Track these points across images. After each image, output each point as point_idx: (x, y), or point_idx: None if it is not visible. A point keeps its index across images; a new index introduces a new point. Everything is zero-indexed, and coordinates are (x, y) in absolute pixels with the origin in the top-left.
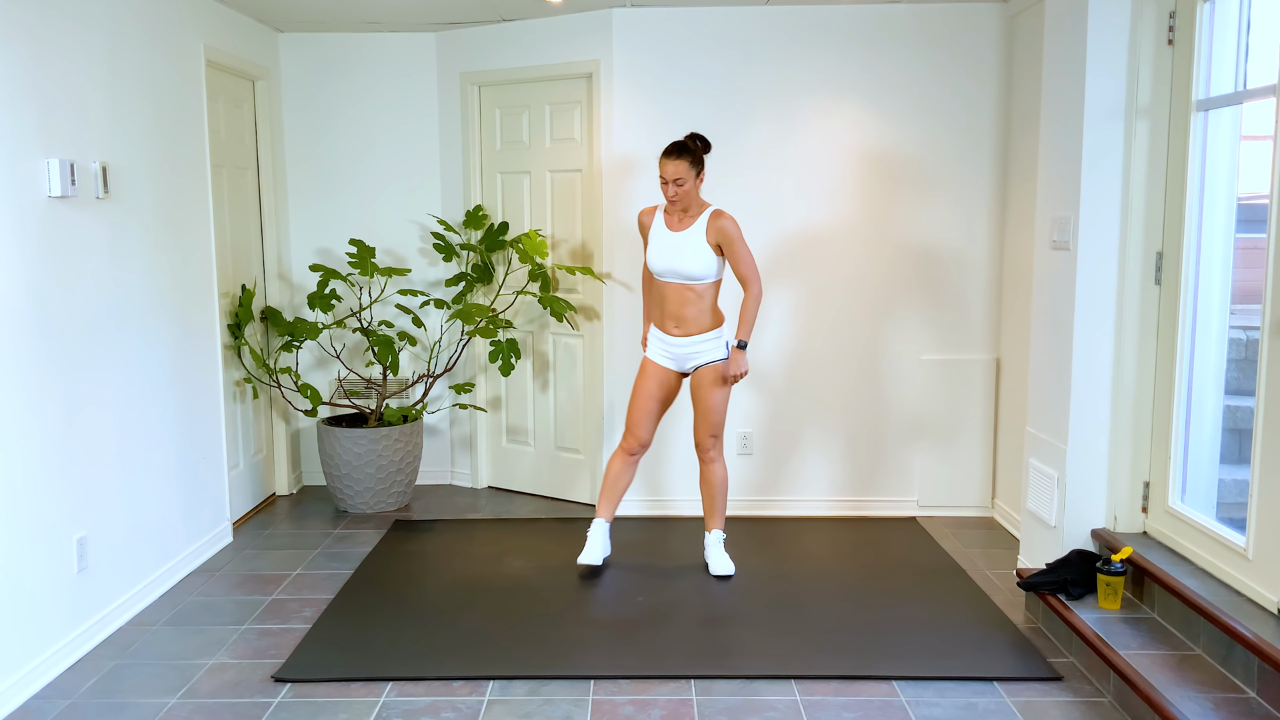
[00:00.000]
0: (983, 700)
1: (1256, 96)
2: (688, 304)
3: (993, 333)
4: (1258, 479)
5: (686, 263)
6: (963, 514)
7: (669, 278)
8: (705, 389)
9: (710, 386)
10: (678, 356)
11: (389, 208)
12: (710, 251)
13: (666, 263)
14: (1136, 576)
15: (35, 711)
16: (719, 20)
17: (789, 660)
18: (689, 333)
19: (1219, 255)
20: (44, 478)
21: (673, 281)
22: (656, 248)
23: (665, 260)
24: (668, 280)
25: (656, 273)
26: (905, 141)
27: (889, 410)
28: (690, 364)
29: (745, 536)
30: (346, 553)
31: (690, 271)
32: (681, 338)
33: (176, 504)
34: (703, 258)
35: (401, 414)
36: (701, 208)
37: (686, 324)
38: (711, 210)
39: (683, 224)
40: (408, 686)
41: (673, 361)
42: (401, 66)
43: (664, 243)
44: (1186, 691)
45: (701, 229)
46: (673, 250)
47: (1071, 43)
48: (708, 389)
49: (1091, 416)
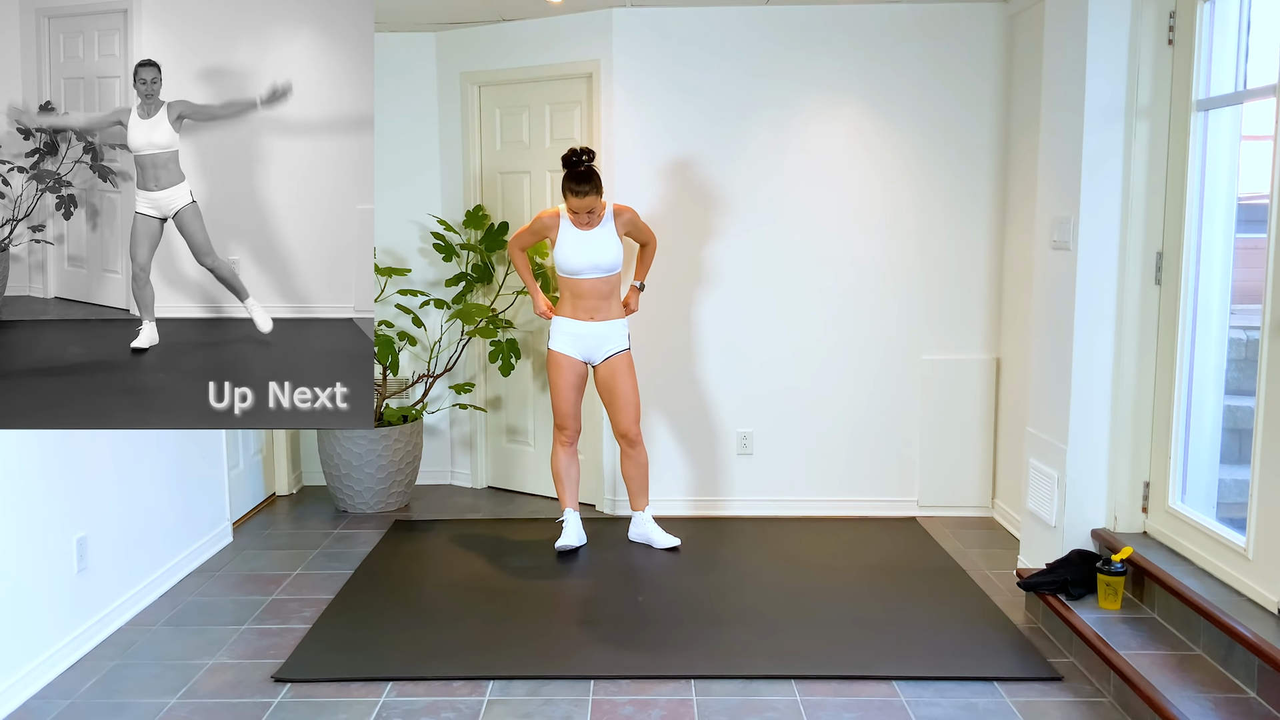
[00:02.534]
0: (983, 700)
1: (1256, 96)
2: (602, 294)
3: (993, 333)
4: (1258, 479)
5: (603, 256)
6: (963, 514)
7: (588, 273)
8: (620, 378)
9: (625, 375)
10: (588, 346)
11: (389, 207)
12: (619, 244)
13: (586, 259)
14: (1137, 576)
15: (35, 711)
16: (719, 20)
17: (789, 660)
18: (602, 319)
19: (1219, 255)
20: (44, 478)
21: (589, 277)
22: (572, 248)
23: (585, 258)
24: (584, 277)
25: (574, 271)
26: (905, 141)
27: (889, 410)
28: (601, 351)
29: (745, 536)
30: (346, 553)
31: (607, 263)
32: (596, 323)
33: (176, 504)
34: (616, 250)
35: (401, 414)
36: (602, 208)
37: (600, 311)
38: (612, 206)
39: (590, 223)
40: (408, 686)
41: (581, 352)
42: (401, 66)
43: (578, 243)
44: (1187, 691)
45: (610, 225)
46: (589, 248)
47: (1071, 43)
48: (622, 378)
49: (1092, 416)
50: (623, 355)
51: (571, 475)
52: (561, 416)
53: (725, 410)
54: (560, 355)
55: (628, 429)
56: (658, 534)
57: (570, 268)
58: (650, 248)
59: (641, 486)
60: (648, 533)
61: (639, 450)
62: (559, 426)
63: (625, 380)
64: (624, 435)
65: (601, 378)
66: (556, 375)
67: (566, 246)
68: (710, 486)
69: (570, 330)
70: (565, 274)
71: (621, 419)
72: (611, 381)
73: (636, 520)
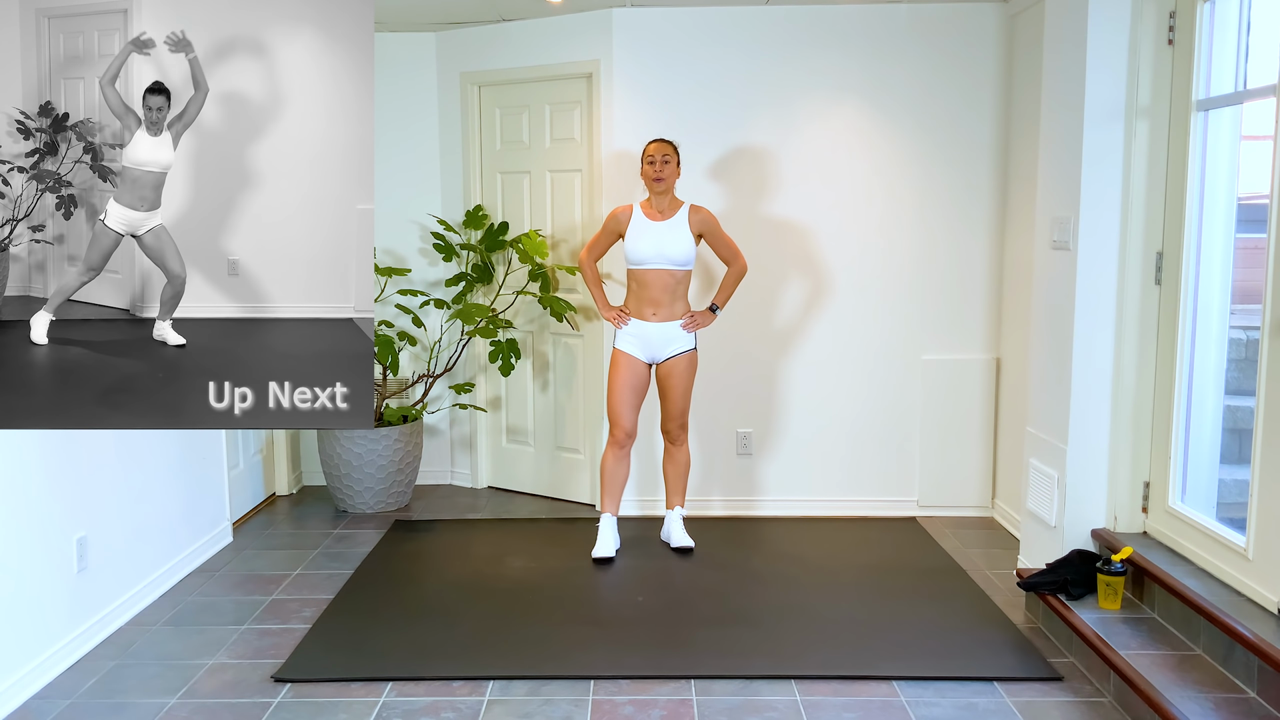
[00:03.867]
0: (983, 700)
1: (1256, 96)
2: (668, 289)
3: (993, 333)
4: (1258, 479)
5: (673, 248)
6: (963, 514)
7: (654, 263)
8: (678, 378)
9: (683, 376)
10: (651, 344)
11: (389, 207)
12: (692, 240)
13: (654, 248)
14: (1136, 576)
15: (35, 711)
16: (719, 20)
17: (789, 660)
18: (667, 318)
19: (1219, 255)
20: (44, 478)
21: (656, 268)
22: (642, 237)
23: (653, 246)
24: (651, 267)
25: (641, 260)
26: (905, 141)
27: (889, 410)
28: (664, 352)
29: (746, 536)
30: (346, 553)
31: (676, 256)
32: (660, 323)
33: (176, 504)
34: (687, 244)
35: (401, 414)
36: (678, 203)
37: (665, 309)
38: (689, 205)
39: (665, 215)
40: (408, 686)
41: (644, 352)
42: (401, 66)
43: (649, 232)
44: (1187, 691)
45: (684, 219)
46: (658, 237)
47: (1071, 43)
48: (680, 378)
49: (1091, 416)
50: (687, 355)
51: (617, 478)
52: (615, 415)
53: (725, 410)
54: (622, 354)
55: (668, 425)
56: (678, 531)
57: (638, 257)
58: (735, 270)
59: (677, 486)
60: (670, 529)
61: (681, 449)
62: (612, 425)
63: (681, 379)
64: (665, 431)
65: (661, 373)
66: (614, 373)
67: (636, 235)
68: (710, 486)
69: (634, 330)
70: (633, 264)
71: (666, 418)
72: (668, 378)
73: (669, 518)
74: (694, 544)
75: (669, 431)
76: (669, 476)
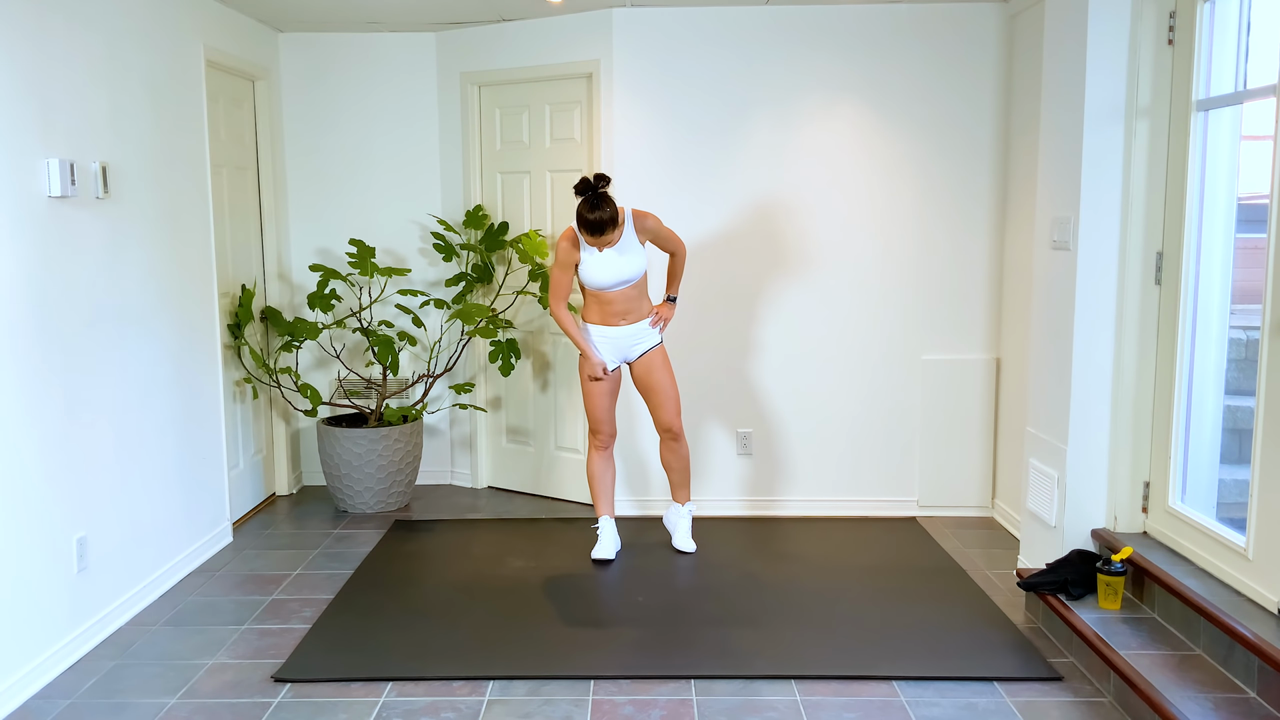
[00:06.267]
0: (983, 700)
1: (1256, 96)
2: (633, 300)
3: (993, 333)
4: (1258, 479)
5: (630, 269)
6: (963, 514)
7: (618, 287)
8: (657, 373)
9: (663, 370)
10: (622, 346)
11: (389, 208)
12: (643, 251)
13: (615, 276)
14: (1136, 576)
15: (35, 711)
16: (719, 20)
17: (789, 660)
18: (635, 319)
19: (1219, 255)
20: (43, 478)
21: (618, 290)
22: (599, 267)
23: (613, 275)
24: (613, 291)
25: (604, 286)
26: (905, 141)
27: (889, 410)
28: (635, 351)
29: (745, 536)
30: (346, 553)
31: (634, 274)
32: (628, 326)
33: (176, 504)
34: (641, 259)
35: (401, 414)
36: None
37: (632, 313)
38: (630, 212)
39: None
40: (408, 686)
41: (616, 355)
42: (401, 66)
43: (604, 261)
44: (1187, 691)
45: (632, 234)
46: (615, 264)
47: (1071, 43)
48: (660, 372)
49: (1091, 416)
50: (657, 350)
51: (606, 481)
52: (595, 421)
53: (725, 410)
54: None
55: (670, 423)
56: (682, 530)
57: (601, 283)
58: (679, 257)
59: (682, 480)
60: (674, 523)
61: (681, 443)
62: (593, 431)
63: (662, 374)
64: (667, 429)
65: (638, 375)
66: (589, 380)
67: (592, 267)
68: (710, 486)
69: (603, 335)
70: (593, 289)
71: (662, 414)
72: (648, 377)
73: (673, 509)
74: (694, 548)
75: (669, 430)
76: (673, 470)
